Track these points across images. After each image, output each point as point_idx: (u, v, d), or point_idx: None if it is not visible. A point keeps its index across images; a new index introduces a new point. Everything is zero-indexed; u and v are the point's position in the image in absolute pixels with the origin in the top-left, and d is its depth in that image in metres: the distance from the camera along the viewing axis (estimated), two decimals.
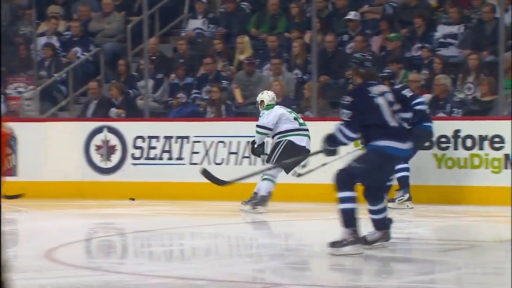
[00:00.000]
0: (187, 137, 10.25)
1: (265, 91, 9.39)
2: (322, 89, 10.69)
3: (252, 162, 10.03)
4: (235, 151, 10.10)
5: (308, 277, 5.84)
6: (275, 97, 9.29)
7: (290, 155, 8.45)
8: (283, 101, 10.56)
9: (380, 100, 6.01)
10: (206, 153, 10.14)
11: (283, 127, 8.98)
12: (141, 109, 11.07)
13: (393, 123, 6.02)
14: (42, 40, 12.41)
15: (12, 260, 5.44)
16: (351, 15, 11.45)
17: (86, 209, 9.61)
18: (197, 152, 10.15)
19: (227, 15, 12.42)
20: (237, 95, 11.00)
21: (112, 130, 10.48)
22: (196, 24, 12.50)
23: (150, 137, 10.40)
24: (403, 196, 9.11)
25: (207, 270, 5.87)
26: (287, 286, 5.42)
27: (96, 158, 10.54)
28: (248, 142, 9.55)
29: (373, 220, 6.27)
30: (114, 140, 10.48)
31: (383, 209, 6.30)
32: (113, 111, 11.02)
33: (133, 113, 11.05)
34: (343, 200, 6.00)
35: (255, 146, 9.04)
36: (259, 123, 9.02)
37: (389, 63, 10.59)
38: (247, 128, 10.02)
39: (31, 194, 9.90)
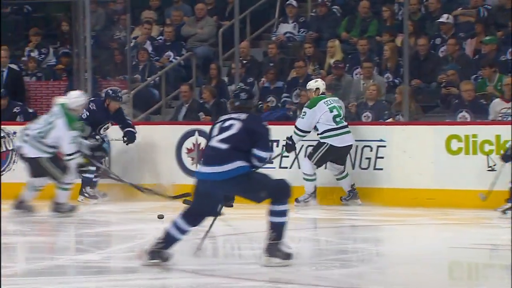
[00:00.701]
0: (277, 141, 10.31)
1: (319, 79, 10.07)
2: (414, 93, 10.62)
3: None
4: None
5: (398, 282, 5.82)
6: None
7: (330, 157, 9.62)
8: (375, 105, 10.56)
9: (215, 125, 6.07)
10: (296, 157, 10.18)
11: (321, 127, 9.66)
12: None
13: (208, 148, 6.04)
14: (136, 45, 12.68)
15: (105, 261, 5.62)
16: (444, 18, 11.34)
17: (177, 211, 9.74)
18: (287, 156, 10.19)
19: (317, 19, 12.47)
20: None
21: (203, 134, 10.61)
22: (286, 28, 12.59)
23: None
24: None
25: (296, 274, 5.92)
26: None
27: (187, 161, 10.70)
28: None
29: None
30: (205, 143, 10.61)
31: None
32: (201, 115, 11.19)
33: None
34: (175, 224, 6.11)
35: (291, 143, 9.75)
36: (299, 125, 9.67)
37: (483, 67, 10.45)
38: None
39: (132, 196, 10.09)
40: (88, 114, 10.03)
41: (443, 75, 10.74)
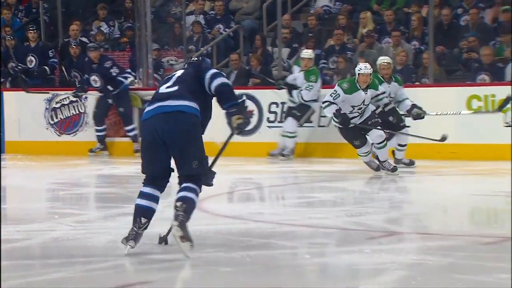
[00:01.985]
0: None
1: (309, 50, 10.10)
2: (438, 58, 10.45)
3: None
4: None
5: (426, 227, 5.76)
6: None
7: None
8: (403, 69, 10.41)
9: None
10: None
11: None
12: (275, 78, 11.12)
13: (155, 94, 4.77)
14: (191, 19, 12.65)
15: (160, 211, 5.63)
16: None
17: (228, 166, 9.78)
18: (324, 116, 10.10)
19: None
20: None
21: (250, 97, 10.58)
22: (324, 2, 12.45)
23: (283, 103, 10.44)
24: None
25: (333, 220, 5.90)
26: (405, 234, 5.38)
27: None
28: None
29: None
30: (252, 106, 10.58)
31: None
32: (253, 81, 11.14)
33: (268, 82, 11.12)
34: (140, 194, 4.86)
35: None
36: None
37: (501, 33, 10.25)
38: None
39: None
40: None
41: (464, 41, 10.55)
